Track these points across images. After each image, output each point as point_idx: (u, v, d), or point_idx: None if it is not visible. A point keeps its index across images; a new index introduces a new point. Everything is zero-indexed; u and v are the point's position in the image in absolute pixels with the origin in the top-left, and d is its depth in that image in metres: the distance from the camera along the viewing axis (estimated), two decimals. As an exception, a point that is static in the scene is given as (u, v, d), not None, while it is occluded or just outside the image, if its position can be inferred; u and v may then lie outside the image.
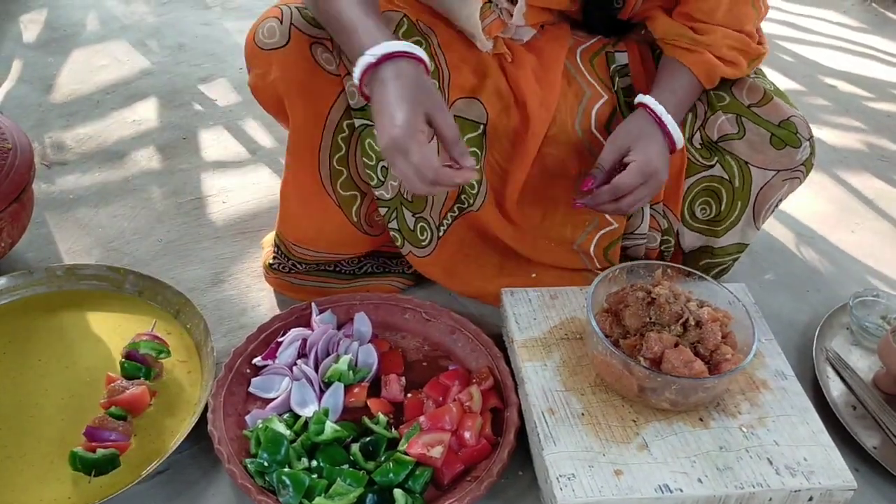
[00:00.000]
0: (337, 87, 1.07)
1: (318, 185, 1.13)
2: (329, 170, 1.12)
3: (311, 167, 1.11)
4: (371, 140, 1.09)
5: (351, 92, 1.06)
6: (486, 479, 0.94)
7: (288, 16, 1.04)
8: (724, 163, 1.15)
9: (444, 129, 0.91)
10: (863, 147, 1.87)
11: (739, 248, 1.23)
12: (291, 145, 1.12)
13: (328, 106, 1.08)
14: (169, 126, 1.74)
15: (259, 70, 1.08)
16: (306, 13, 1.05)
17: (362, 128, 1.09)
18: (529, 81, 1.15)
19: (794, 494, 0.92)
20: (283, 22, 1.04)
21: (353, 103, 1.07)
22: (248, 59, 1.10)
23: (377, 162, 1.11)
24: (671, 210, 1.20)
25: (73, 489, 0.94)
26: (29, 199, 1.25)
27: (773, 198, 1.17)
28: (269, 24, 1.05)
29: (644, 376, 0.95)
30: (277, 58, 1.05)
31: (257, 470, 0.94)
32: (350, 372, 1.07)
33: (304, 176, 1.12)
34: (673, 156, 1.14)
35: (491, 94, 1.14)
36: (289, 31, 1.04)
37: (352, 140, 1.11)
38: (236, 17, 2.29)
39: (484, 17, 1.08)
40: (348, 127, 1.10)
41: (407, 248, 1.19)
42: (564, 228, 1.22)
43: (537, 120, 1.15)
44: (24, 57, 2.00)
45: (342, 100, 1.08)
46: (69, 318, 1.18)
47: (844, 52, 2.41)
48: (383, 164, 1.11)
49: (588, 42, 1.23)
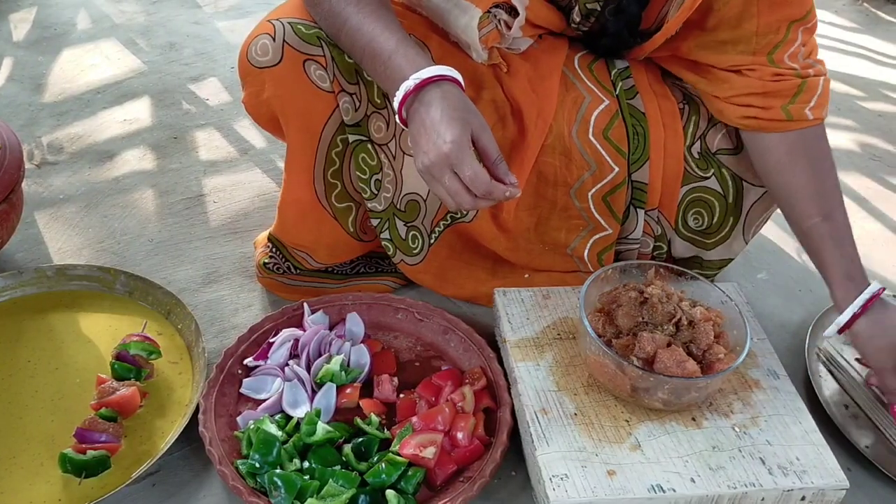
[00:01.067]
0: (331, 104, 1.06)
1: (313, 199, 1.13)
2: (324, 184, 1.12)
3: (307, 183, 1.11)
4: (365, 155, 1.09)
5: (345, 108, 1.06)
6: (479, 479, 0.94)
7: (281, 32, 1.02)
8: (719, 176, 1.15)
9: (488, 148, 0.92)
10: (855, 147, 1.88)
11: (724, 263, 1.25)
12: (288, 160, 1.12)
13: (322, 123, 1.07)
14: (160, 125, 1.73)
15: (252, 88, 1.08)
16: (299, 29, 1.02)
17: (356, 143, 1.08)
18: (526, 91, 1.15)
19: (786, 494, 0.92)
20: (275, 39, 1.02)
21: (347, 119, 1.07)
22: (242, 76, 1.09)
23: (370, 175, 1.11)
24: (665, 217, 1.20)
25: (62, 491, 0.93)
26: (18, 199, 1.24)
27: (764, 214, 1.18)
28: (261, 41, 1.03)
29: (637, 376, 0.95)
30: (271, 76, 1.04)
31: (249, 471, 0.93)
32: (342, 372, 1.07)
33: (301, 191, 1.12)
34: (670, 163, 1.14)
35: (487, 105, 1.13)
36: (282, 49, 1.02)
37: (345, 154, 1.11)
38: (227, 17, 2.28)
39: (481, 28, 1.08)
40: (342, 142, 1.10)
41: (399, 257, 1.19)
42: (559, 233, 1.22)
43: (534, 130, 1.14)
44: (14, 56, 1.99)
45: (336, 116, 1.07)
46: (59, 319, 1.17)
47: (836, 51, 2.42)
48: (376, 177, 1.11)
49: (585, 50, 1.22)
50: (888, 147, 1.89)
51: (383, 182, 1.12)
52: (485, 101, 1.13)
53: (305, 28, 1.03)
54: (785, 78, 1.06)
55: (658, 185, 1.16)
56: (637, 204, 1.18)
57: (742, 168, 1.14)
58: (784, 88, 1.06)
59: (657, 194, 1.17)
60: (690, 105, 1.18)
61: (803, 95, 1.07)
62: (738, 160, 1.14)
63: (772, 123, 1.07)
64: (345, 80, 1.05)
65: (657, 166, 1.15)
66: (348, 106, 1.06)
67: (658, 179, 1.16)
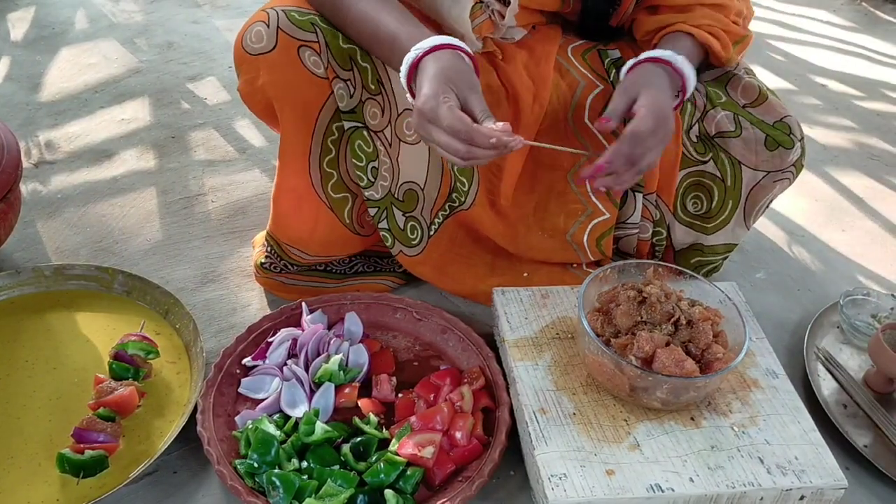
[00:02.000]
0: (325, 91, 1.06)
1: (309, 188, 1.12)
2: (319, 173, 1.12)
3: (302, 171, 1.11)
4: (361, 142, 1.09)
5: (340, 94, 1.06)
6: (478, 479, 0.94)
7: (275, 20, 1.03)
8: (717, 160, 1.15)
9: (474, 107, 0.94)
10: (853, 146, 1.88)
11: (728, 248, 1.23)
12: (282, 149, 1.12)
13: (317, 109, 1.07)
14: (158, 125, 1.73)
15: (248, 75, 1.08)
16: (293, 15, 1.03)
17: (351, 130, 1.08)
18: (521, 76, 1.15)
19: (785, 493, 0.92)
20: (269, 26, 1.03)
21: (342, 106, 1.07)
22: (237, 64, 1.09)
23: (367, 163, 1.10)
24: (664, 201, 1.20)
25: (60, 491, 0.93)
26: (16, 198, 1.24)
27: (764, 199, 1.17)
28: (256, 28, 1.04)
29: (635, 376, 0.95)
30: (265, 62, 1.04)
31: (247, 471, 0.93)
32: (341, 372, 1.07)
33: (295, 179, 1.12)
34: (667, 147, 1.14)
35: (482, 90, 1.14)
36: (276, 36, 1.03)
37: (341, 142, 1.11)
38: (225, 16, 2.28)
39: (474, 18, 1.08)
40: (337, 129, 1.10)
41: (397, 248, 1.18)
42: (557, 218, 1.22)
43: (530, 114, 1.15)
44: (12, 55, 1.98)
45: (331, 102, 1.07)
46: (57, 319, 1.17)
47: (835, 51, 2.42)
48: (373, 164, 1.11)
49: (579, 41, 1.23)
50: (886, 146, 1.89)
51: (380, 170, 1.12)
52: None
53: (299, 14, 1.04)
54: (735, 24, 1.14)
55: (656, 168, 1.16)
56: (635, 188, 1.19)
57: (742, 152, 1.14)
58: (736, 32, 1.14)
59: (655, 178, 1.18)
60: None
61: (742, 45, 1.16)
62: (739, 143, 1.14)
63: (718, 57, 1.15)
64: (339, 66, 1.05)
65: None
66: (343, 92, 1.06)
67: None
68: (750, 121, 1.13)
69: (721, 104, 1.15)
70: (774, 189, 1.16)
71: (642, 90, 1.03)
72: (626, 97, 1.04)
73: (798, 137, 1.13)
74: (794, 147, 1.13)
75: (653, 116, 1.00)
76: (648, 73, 1.06)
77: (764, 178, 1.15)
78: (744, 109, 1.14)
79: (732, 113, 1.14)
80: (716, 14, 1.12)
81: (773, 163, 1.14)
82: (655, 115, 1.00)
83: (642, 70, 1.07)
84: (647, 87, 1.03)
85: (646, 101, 1.02)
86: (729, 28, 1.13)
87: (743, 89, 1.15)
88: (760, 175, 1.15)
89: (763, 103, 1.14)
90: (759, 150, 1.13)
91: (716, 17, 1.12)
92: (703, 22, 1.12)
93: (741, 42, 1.16)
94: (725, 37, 1.13)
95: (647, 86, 1.04)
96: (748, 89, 1.15)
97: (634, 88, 1.04)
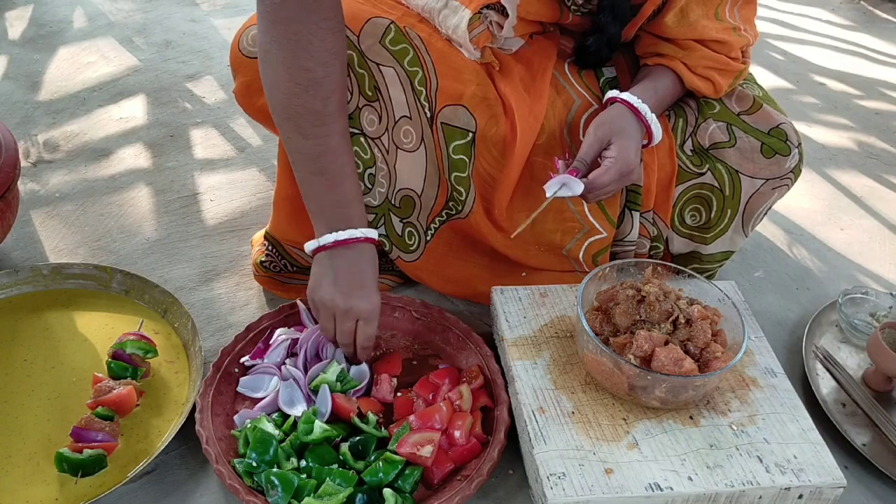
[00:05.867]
0: None
1: None
2: None
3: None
4: (357, 148, 1.09)
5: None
6: (477, 478, 0.94)
7: None
8: (714, 171, 1.15)
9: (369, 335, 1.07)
10: (852, 145, 1.88)
11: (726, 256, 1.24)
12: (280, 154, 1.12)
13: None
14: (156, 123, 1.73)
15: (244, 78, 1.08)
16: None
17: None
18: (517, 90, 1.14)
19: (783, 492, 0.92)
20: None
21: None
22: (233, 66, 1.09)
23: (364, 170, 1.10)
24: (661, 218, 1.20)
25: (59, 490, 0.93)
26: (14, 197, 1.23)
27: (763, 206, 1.18)
28: (253, 31, 1.04)
29: (634, 374, 0.95)
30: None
31: (246, 470, 0.93)
32: (338, 383, 1.05)
33: (293, 188, 1.11)
34: (663, 164, 1.14)
35: (479, 102, 1.13)
36: None
37: None
38: (224, 14, 2.27)
39: (472, 28, 1.07)
40: None
41: (395, 253, 1.19)
42: (554, 235, 1.22)
43: (526, 128, 1.14)
44: (10, 54, 1.98)
45: None
46: (55, 318, 1.17)
47: (833, 50, 2.43)
48: (370, 171, 1.11)
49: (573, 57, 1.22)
50: (885, 145, 1.89)
51: (377, 177, 1.12)
52: (477, 98, 1.13)
53: None
54: (735, 60, 1.14)
55: (652, 187, 1.16)
56: (632, 207, 1.18)
57: (738, 161, 1.14)
58: (735, 69, 1.14)
59: (651, 196, 1.17)
60: (675, 108, 1.18)
61: (739, 79, 1.17)
62: (734, 153, 1.14)
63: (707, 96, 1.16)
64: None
65: (650, 168, 1.15)
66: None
67: (652, 182, 1.16)
68: (744, 129, 1.13)
69: (714, 115, 1.14)
70: (773, 196, 1.16)
71: (614, 138, 1.06)
72: (598, 144, 1.06)
73: (795, 143, 1.13)
74: (791, 154, 1.13)
75: (616, 171, 1.04)
76: (620, 117, 1.08)
77: (763, 186, 1.15)
78: (738, 118, 1.14)
79: (725, 123, 1.14)
80: (716, 55, 1.12)
81: (771, 170, 1.14)
82: (619, 171, 1.05)
83: (616, 112, 1.09)
84: (619, 136, 1.06)
85: (614, 152, 1.05)
86: (727, 67, 1.13)
87: (737, 98, 1.16)
88: (759, 183, 1.15)
89: (757, 111, 1.14)
90: (756, 158, 1.13)
91: (716, 58, 1.12)
92: (700, 63, 1.12)
93: (738, 76, 1.16)
94: (720, 80, 1.13)
95: (618, 134, 1.06)
96: (742, 98, 1.16)
97: (606, 134, 1.06)
